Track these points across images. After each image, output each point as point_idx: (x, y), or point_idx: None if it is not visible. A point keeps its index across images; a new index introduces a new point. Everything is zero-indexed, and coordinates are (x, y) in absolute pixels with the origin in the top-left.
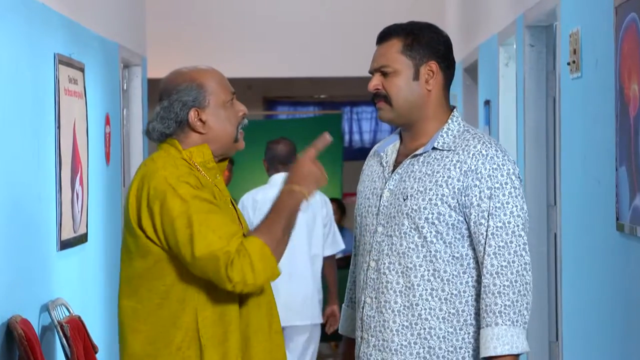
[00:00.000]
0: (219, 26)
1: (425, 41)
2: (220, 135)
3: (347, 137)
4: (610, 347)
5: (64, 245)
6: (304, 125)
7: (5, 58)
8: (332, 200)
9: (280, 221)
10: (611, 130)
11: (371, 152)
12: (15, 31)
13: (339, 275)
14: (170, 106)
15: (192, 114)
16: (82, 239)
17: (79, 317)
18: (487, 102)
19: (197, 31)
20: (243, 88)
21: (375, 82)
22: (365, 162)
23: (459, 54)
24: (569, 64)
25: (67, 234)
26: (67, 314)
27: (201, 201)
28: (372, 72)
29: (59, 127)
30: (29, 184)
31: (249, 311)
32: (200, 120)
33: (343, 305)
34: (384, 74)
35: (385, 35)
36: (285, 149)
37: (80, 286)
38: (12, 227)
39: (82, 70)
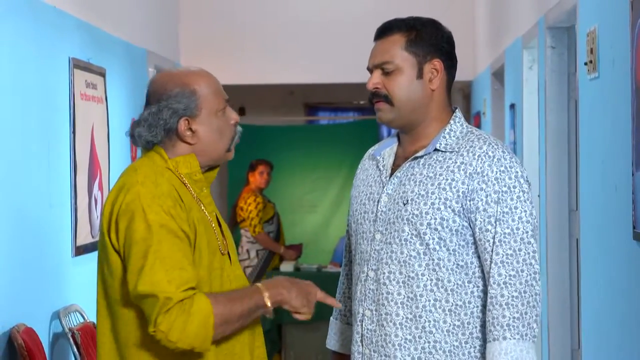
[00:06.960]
0: (258, 31)
1: (429, 37)
2: (210, 147)
3: None
4: (630, 356)
5: (80, 250)
6: (341, 131)
7: (13, 62)
8: None
9: (243, 307)
10: (627, 133)
11: (365, 155)
12: (24, 35)
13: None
14: (159, 112)
15: (182, 124)
16: None
17: (94, 324)
18: (512, 106)
19: (235, 37)
20: (285, 94)
21: (375, 80)
22: (360, 166)
23: (488, 59)
24: (586, 64)
25: (84, 239)
26: (82, 320)
27: (167, 232)
28: (370, 68)
29: (74, 132)
30: (39, 190)
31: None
32: (190, 129)
33: (331, 318)
34: (385, 72)
35: (386, 30)
36: None
37: None
38: (20, 235)
39: (102, 75)
